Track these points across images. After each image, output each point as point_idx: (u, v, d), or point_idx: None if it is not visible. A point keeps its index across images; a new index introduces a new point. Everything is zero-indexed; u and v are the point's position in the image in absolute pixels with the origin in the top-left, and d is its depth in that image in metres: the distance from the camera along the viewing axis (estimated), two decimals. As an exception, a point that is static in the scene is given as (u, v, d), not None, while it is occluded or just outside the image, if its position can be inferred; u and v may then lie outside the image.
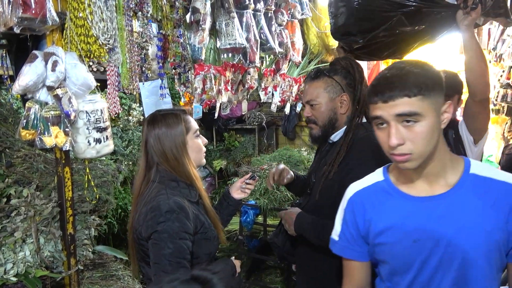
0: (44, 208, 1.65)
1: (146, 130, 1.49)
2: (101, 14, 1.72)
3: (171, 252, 1.31)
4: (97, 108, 1.68)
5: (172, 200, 1.37)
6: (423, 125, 0.99)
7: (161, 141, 1.45)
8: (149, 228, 1.35)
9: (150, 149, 1.48)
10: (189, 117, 1.54)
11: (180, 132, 1.48)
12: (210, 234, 1.48)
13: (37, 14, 1.49)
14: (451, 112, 1.04)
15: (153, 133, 1.47)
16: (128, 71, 1.95)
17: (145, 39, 1.99)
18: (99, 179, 1.95)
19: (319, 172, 1.69)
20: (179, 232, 1.34)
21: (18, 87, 1.51)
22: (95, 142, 1.67)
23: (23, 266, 1.57)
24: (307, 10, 3.50)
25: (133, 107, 3.35)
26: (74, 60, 1.59)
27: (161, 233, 1.32)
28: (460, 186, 1.05)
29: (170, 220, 1.33)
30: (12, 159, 1.71)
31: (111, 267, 2.10)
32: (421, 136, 0.99)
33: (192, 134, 1.53)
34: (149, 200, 1.39)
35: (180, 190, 1.44)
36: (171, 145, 1.45)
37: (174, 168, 1.46)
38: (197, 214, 1.44)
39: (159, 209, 1.35)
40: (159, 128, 1.47)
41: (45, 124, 1.53)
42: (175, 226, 1.33)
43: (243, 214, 3.51)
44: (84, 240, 1.83)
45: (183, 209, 1.37)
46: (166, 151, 1.45)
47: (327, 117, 1.65)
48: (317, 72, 1.69)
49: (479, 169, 1.07)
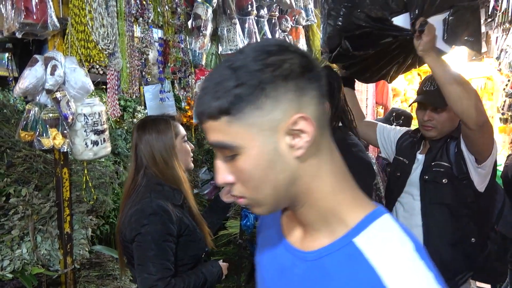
0: (42, 207, 1.70)
1: (136, 135, 1.53)
2: (102, 20, 1.77)
3: (155, 254, 1.35)
4: (95, 111, 1.72)
5: (155, 203, 1.40)
6: (244, 159, 0.60)
7: (151, 145, 1.50)
8: (133, 230, 1.39)
9: (140, 152, 1.52)
10: (177, 123, 1.59)
11: (170, 136, 1.53)
12: (195, 236, 1.51)
13: (38, 19, 1.55)
14: (309, 131, 0.59)
15: (143, 138, 1.51)
16: (128, 76, 1.99)
17: (146, 44, 2.03)
18: (97, 180, 2.00)
19: None
20: (162, 234, 1.37)
21: (18, 90, 1.57)
22: (92, 144, 1.72)
23: (20, 263, 1.62)
24: (312, 17, 3.53)
25: (138, 110, 3.41)
26: (73, 65, 1.64)
27: (145, 235, 1.36)
28: (326, 252, 0.64)
29: (153, 222, 1.37)
30: (13, 159, 1.76)
31: (108, 267, 2.14)
32: (245, 176, 0.61)
33: (181, 139, 1.58)
34: (134, 204, 1.44)
35: (164, 193, 1.47)
36: (160, 149, 1.50)
37: (162, 171, 1.50)
38: (181, 217, 1.47)
39: (142, 212, 1.39)
40: (149, 134, 1.51)
41: (44, 126, 1.58)
42: (158, 228, 1.37)
43: (243, 218, 3.53)
44: (81, 239, 1.87)
45: (166, 212, 1.40)
46: (155, 154, 1.49)
47: None
48: None
49: (366, 238, 0.61)
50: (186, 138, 1.61)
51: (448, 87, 1.51)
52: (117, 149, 3.16)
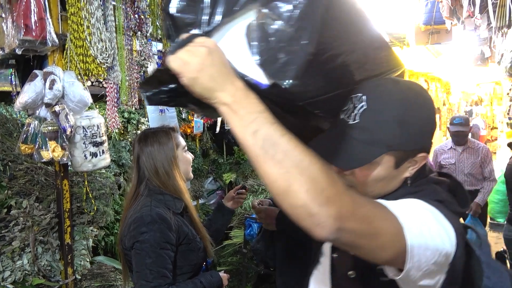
0: (42, 219, 1.73)
1: (138, 147, 1.56)
2: (100, 34, 1.82)
3: (152, 262, 1.37)
4: (94, 123, 1.76)
5: (154, 211, 1.43)
6: None
7: (153, 156, 1.52)
8: (132, 238, 1.41)
9: (142, 164, 1.54)
10: (177, 134, 1.61)
11: (171, 148, 1.56)
12: (194, 245, 1.53)
13: (37, 36, 1.60)
14: None
15: (145, 150, 1.54)
16: (127, 88, 2.04)
17: (144, 57, 2.08)
18: (97, 191, 2.03)
19: None
20: (161, 242, 1.39)
21: (19, 104, 1.61)
22: (91, 156, 1.75)
23: (21, 274, 1.65)
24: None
25: (141, 122, 3.45)
26: (72, 79, 1.69)
27: (143, 243, 1.39)
28: None
29: (152, 230, 1.39)
30: (15, 172, 1.80)
31: (110, 277, 2.15)
32: None
33: (181, 150, 1.60)
34: (134, 213, 1.46)
35: (165, 202, 1.50)
36: (162, 160, 1.52)
37: (164, 182, 1.52)
38: (180, 225, 1.49)
39: (141, 220, 1.41)
40: (151, 146, 1.54)
41: (43, 139, 1.62)
42: (157, 236, 1.39)
43: (247, 227, 3.53)
44: (82, 250, 1.90)
45: (165, 220, 1.42)
46: (158, 166, 1.52)
47: None
48: None
49: None
50: (186, 148, 1.63)
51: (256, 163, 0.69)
52: (121, 161, 3.20)
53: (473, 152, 3.97)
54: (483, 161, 3.95)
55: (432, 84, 10.17)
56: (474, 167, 3.97)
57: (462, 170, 4.01)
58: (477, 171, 3.96)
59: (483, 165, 3.96)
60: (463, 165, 4.00)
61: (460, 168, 4.03)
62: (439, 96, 10.71)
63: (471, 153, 3.97)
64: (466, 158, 3.98)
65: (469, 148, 3.98)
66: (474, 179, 3.99)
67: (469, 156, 3.97)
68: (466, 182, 3.97)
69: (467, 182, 3.99)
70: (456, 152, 4.05)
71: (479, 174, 3.98)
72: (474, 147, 4.00)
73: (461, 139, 3.94)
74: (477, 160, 3.94)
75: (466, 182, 3.98)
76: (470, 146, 3.99)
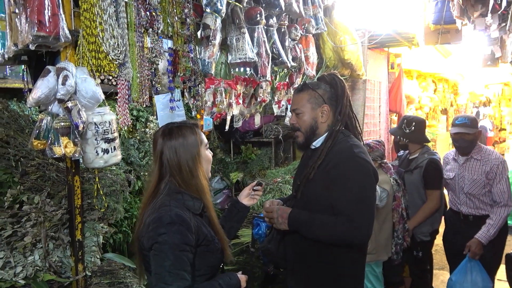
0: (54, 215, 1.73)
1: (162, 141, 1.51)
2: (112, 31, 1.82)
3: (171, 264, 1.34)
4: (106, 119, 1.76)
5: (174, 212, 1.40)
6: None
7: (177, 152, 1.48)
8: (151, 239, 1.39)
9: (165, 160, 1.49)
10: (200, 130, 1.59)
11: (195, 143, 1.52)
12: (213, 247, 1.50)
13: (51, 32, 1.60)
14: None
15: (169, 144, 1.49)
16: (138, 85, 2.03)
17: (155, 54, 2.08)
18: (108, 188, 2.03)
19: (303, 175, 1.84)
20: (180, 244, 1.37)
21: (31, 100, 1.61)
22: (103, 152, 1.75)
23: (32, 270, 1.65)
24: (322, 25, 3.54)
25: (150, 120, 3.46)
26: (84, 75, 1.69)
27: (162, 244, 1.36)
28: None
29: (171, 231, 1.37)
30: (27, 168, 1.80)
31: (119, 275, 2.15)
32: None
33: (204, 147, 1.58)
34: (153, 212, 1.44)
35: (184, 202, 1.46)
36: (187, 157, 1.48)
37: (186, 181, 1.48)
38: (199, 226, 1.46)
39: (160, 221, 1.39)
40: (176, 140, 1.49)
41: (56, 135, 1.62)
42: (176, 238, 1.36)
43: (255, 226, 3.51)
44: (92, 247, 1.90)
45: (185, 221, 1.40)
46: (182, 163, 1.48)
47: (309, 124, 1.84)
48: (303, 85, 1.91)
49: None
50: (208, 146, 1.61)
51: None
52: (130, 159, 3.20)
53: (478, 164, 2.91)
54: (490, 177, 2.83)
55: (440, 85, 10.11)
56: (475, 186, 2.90)
57: (462, 187, 2.98)
58: (479, 191, 2.88)
59: (491, 183, 2.84)
60: (463, 182, 2.97)
61: (460, 185, 2.99)
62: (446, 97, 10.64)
63: (474, 165, 2.92)
64: (467, 172, 2.95)
65: (473, 159, 2.93)
66: (479, 201, 2.91)
67: (471, 169, 2.93)
68: (467, 205, 2.97)
69: (469, 205, 2.96)
70: (457, 164, 3.05)
71: (483, 195, 2.89)
72: (480, 158, 2.91)
73: (462, 146, 2.93)
74: (481, 177, 2.87)
75: (467, 204, 2.97)
76: (475, 156, 2.92)
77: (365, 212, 1.67)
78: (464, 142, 2.92)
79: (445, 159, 3.24)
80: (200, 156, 1.53)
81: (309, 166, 1.81)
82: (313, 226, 1.73)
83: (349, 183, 1.67)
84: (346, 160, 1.71)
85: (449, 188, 3.18)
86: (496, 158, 2.88)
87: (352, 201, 1.66)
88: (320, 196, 1.75)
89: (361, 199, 1.67)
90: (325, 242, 1.72)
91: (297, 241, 1.82)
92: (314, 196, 1.78)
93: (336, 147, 1.77)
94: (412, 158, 3.25)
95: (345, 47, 3.95)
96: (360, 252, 1.81)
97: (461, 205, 3.03)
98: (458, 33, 4.69)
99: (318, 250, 1.76)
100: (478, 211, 2.93)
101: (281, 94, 3.35)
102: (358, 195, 1.66)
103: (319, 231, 1.71)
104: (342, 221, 1.66)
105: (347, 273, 1.78)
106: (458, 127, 2.93)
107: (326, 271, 1.77)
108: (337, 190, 1.69)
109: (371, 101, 5.52)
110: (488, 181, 2.85)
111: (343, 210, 1.66)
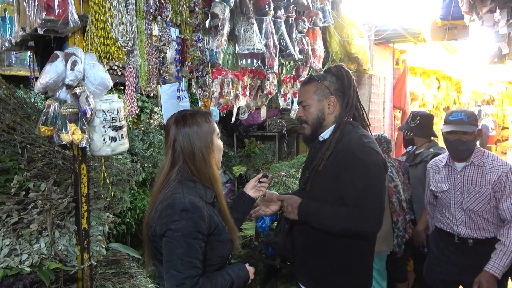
0: (60, 203, 1.71)
1: (175, 129, 1.50)
2: (121, 17, 1.79)
3: (184, 252, 1.33)
4: (114, 107, 1.73)
5: (187, 199, 1.38)
6: None
7: (191, 139, 1.47)
8: (163, 225, 1.37)
9: (178, 147, 1.48)
10: (213, 119, 1.57)
11: (209, 131, 1.51)
12: (224, 236, 1.49)
13: (60, 16, 1.57)
14: None
15: (183, 131, 1.48)
16: (146, 73, 2.01)
17: (164, 42, 2.05)
18: (114, 177, 2.01)
19: (311, 168, 1.84)
20: (193, 231, 1.35)
21: (39, 85, 1.59)
22: (110, 140, 1.72)
23: (38, 258, 1.63)
24: (329, 18, 3.50)
25: (154, 111, 3.43)
26: (92, 61, 1.66)
27: (175, 231, 1.34)
28: None
29: (184, 219, 1.35)
30: (33, 155, 1.78)
31: (124, 265, 2.14)
32: None
33: (216, 136, 1.56)
34: (165, 198, 1.42)
35: (196, 190, 1.45)
36: (200, 144, 1.47)
37: (199, 169, 1.47)
38: (211, 215, 1.45)
39: (174, 208, 1.37)
40: (190, 127, 1.48)
41: (63, 121, 1.59)
42: (189, 225, 1.35)
43: (259, 219, 3.50)
44: (98, 236, 1.88)
45: (198, 209, 1.38)
46: (195, 151, 1.46)
47: (316, 116, 1.84)
48: (309, 78, 1.92)
49: None
50: (220, 135, 1.59)
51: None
52: (134, 150, 3.18)
53: (481, 172, 2.30)
54: (498, 189, 2.24)
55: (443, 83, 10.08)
56: (477, 200, 2.28)
57: (459, 202, 2.36)
58: (483, 207, 2.27)
59: (498, 197, 2.25)
60: (461, 195, 2.35)
61: (457, 200, 2.37)
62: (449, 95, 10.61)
63: (476, 173, 2.31)
64: (467, 182, 2.33)
65: (474, 165, 2.33)
66: (482, 220, 2.30)
67: (472, 179, 2.32)
68: (467, 225, 2.34)
69: (469, 225, 2.34)
70: (451, 172, 2.42)
71: (488, 212, 2.27)
72: (483, 164, 2.30)
73: (459, 148, 2.33)
74: (485, 189, 2.26)
75: (467, 224, 2.34)
76: (476, 162, 2.32)
77: (374, 201, 1.66)
78: (461, 144, 2.30)
79: (433, 167, 2.58)
80: (213, 145, 1.51)
81: (318, 158, 1.80)
82: (322, 216, 1.72)
83: (358, 173, 1.67)
84: (356, 150, 1.70)
85: (439, 204, 2.51)
86: (503, 164, 2.28)
87: (362, 190, 1.65)
88: (329, 187, 1.74)
89: (371, 189, 1.66)
90: (334, 233, 1.71)
91: (306, 232, 1.81)
92: (324, 188, 1.77)
93: (345, 138, 1.77)
94: (418, 152, 3.23)
95: (352, 41, 3.91)
96: (369, 244, 1.80)
97: (458, 225, 2.36)
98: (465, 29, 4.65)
99: (327, 241, 1.75)
100: (481, 232, 2.30)
101: (287, 87, 3.32)
102: (368, 185, 1.66)
103: (329, 221, 1.70)
104: (352, 210, 1.65)
105: (356, 264, 1.78)
106: (453, 124, 2.34)
107: (335, 263, 1.77)
108: (347, 180, 1.68)
109: (376, 96, 5.49)
110: (495, 194, 2.24)
111: (352, 200, 1.66)
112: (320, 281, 1.81)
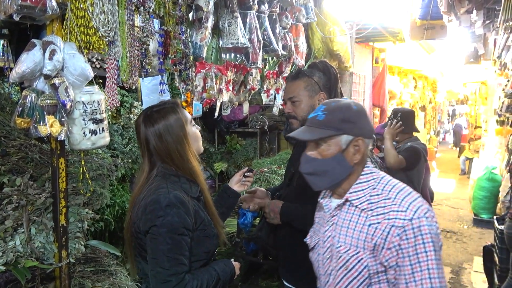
0: (36, 198, 1.64)
1: (145, 129, 1.43)
2: (102, 6, 1.72)
3: (169, 248, 1.29)
4: (94, 99, 1.67)
5: (172, 194, 1.34)
6: None
7: (163, 138, 1.40)
8: (148, 221, 1.32)
9: (153, 149, 1.42)
10: (182, 108, 1.52)
11: (180, 124, 1.44)
12: (209, 231, 1.45)
13: (37, 2, 1.49)
14: None
15: (152, 130, 1.41)
16: (128, 65, 1.94)
17: (146, 34, 1.99)
18: (94, 172, 1.94)
19: (297, 163, 1.78)
20: (179, 227, 1.31)
21: (15, 75, 1.51)
22: (90, 133, 1.66)
23: (13, 256, 1.55)
24: (312, 15, 3.50)
25: (134, 105, 3.35)
26: (72, 51, 1.59)
27: (160, 227, 1.30)
28: None
29: (169, 214, 1.30)
30: (7, 148, 1.70)
31: (103, 262, 2.08)
32: None
33: (190, 124, 1.51)
34: (149, 194, 1.37)
35: (181, 184, 1.40)
36: (174, 141, 1.41)
37: (179, 166, 1.43)
38: (197, 210, 1.41)
39: (158, 203, 1.32)
40: (158, 124, 1.41)
41: (41, 113, 1.52)
42: (175, 221, 1.30)
43: (241, 216, 3.48)
44: (76, 233, 1.81)
45: (183, 204, 1.34)
46: (170, 149, 1.40)
47: (307, 112, 1.78)
48: (298, 72, 1.88)
49: None
50: (193, 122, 1.54)
51: None
52: (113, 145, 3.10)
53: (359, 215, 1.20)
54: (388, 256, 1.12)
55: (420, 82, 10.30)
56: (348, 270, 1.18)
57: (327, 273, 1.30)
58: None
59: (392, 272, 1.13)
60: (330, 257, 1.29)
61: (325, 267, 1.32)
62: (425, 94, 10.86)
63: (352, 217, 1.23)
64: (339, 231, 1.26)
65: (349, 203, 1.26)
66: None
67: (346, 225, 1.24)
68: None
69: None
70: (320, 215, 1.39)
71: None
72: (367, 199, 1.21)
73: (308, 171, 1.28)
74: (364, 248, 1.16)
75: None
76: (354, 196, 1.24)
77: None
78: (310, 163, 1.29)
79: None
80: (188, 136, 1.45)
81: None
82: (305, 218, 1.69)
83: None
84: None
85: None
86: (404, 202, 1.18)
87: None
88: None
89: None
90: None
91: (289, 226, 1.79)
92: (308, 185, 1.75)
93: None
94: (397, 147, 3.28)
95: (334, 38, 3.93)
96: None
97: None
98: (443, 29, 4.75)
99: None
100: None
101: (270, 83, 3.30)
102: None
103: (312, 221, 1.68)
104: None
105: None
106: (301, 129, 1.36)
107: None
108: None
109: (356, 94, 5.55)
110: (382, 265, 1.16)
111: None
112: (302, 275, 1.80)
